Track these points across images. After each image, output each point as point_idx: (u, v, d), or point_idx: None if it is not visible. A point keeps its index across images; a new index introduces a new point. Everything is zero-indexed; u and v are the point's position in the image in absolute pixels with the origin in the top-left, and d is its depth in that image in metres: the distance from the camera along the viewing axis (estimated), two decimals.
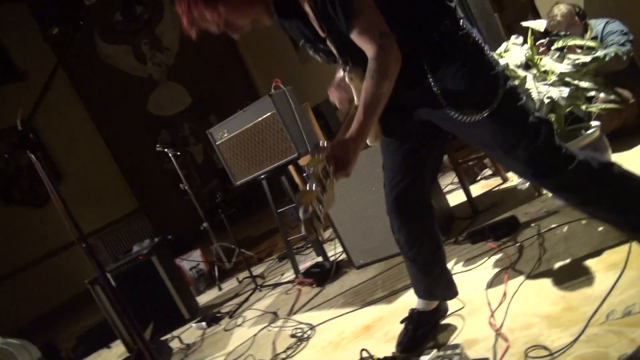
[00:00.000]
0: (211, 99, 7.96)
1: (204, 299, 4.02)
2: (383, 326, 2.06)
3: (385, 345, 1.89)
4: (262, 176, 3.15)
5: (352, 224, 2.79)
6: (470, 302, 1.88)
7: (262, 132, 3.00)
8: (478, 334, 1.67)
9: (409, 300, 2.10)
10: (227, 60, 8.13)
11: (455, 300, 1.86)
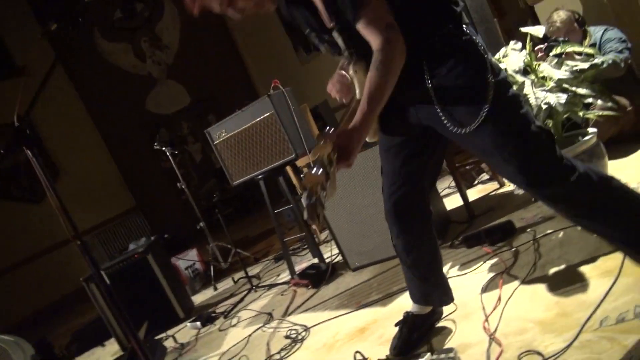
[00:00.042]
0: (210, 99, 7.96)
1: (199, 298, 4.01)
2: (377, 329, 2.06)
3: (379, 347, 1.89)
4: (260, 176, 3.15)
5: (348, 226, 2.79)
6: (464, 306, 1.89)
7: (260, 133, 3.00)
8: (472, 338, 1.67)
9: (403, 303, 2.11)
10: (227, 60, 8.13)
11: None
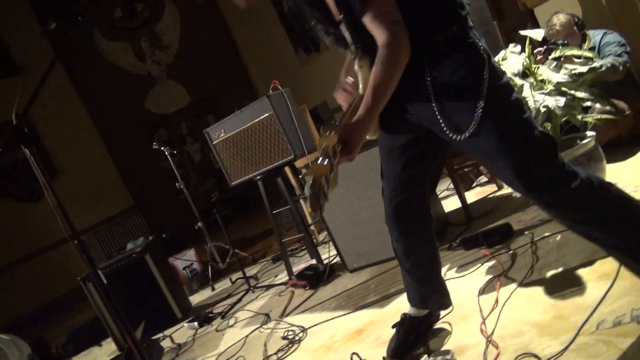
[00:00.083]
0: (210, 99, 7.96)
1: (196, 298, 4.01)
2: (375, 330, 2.06)
3: (376, 349, 1.89)
4: (258, 177, 3.15)
5: (346, 228, 2.79)
6: (462, 308, 1.89)
7: (259, 133, 3.00)
8: (469, 340, 1.67)
9: (401, 304, 2.11)
10: (227, 60, 8.13)
11: None
